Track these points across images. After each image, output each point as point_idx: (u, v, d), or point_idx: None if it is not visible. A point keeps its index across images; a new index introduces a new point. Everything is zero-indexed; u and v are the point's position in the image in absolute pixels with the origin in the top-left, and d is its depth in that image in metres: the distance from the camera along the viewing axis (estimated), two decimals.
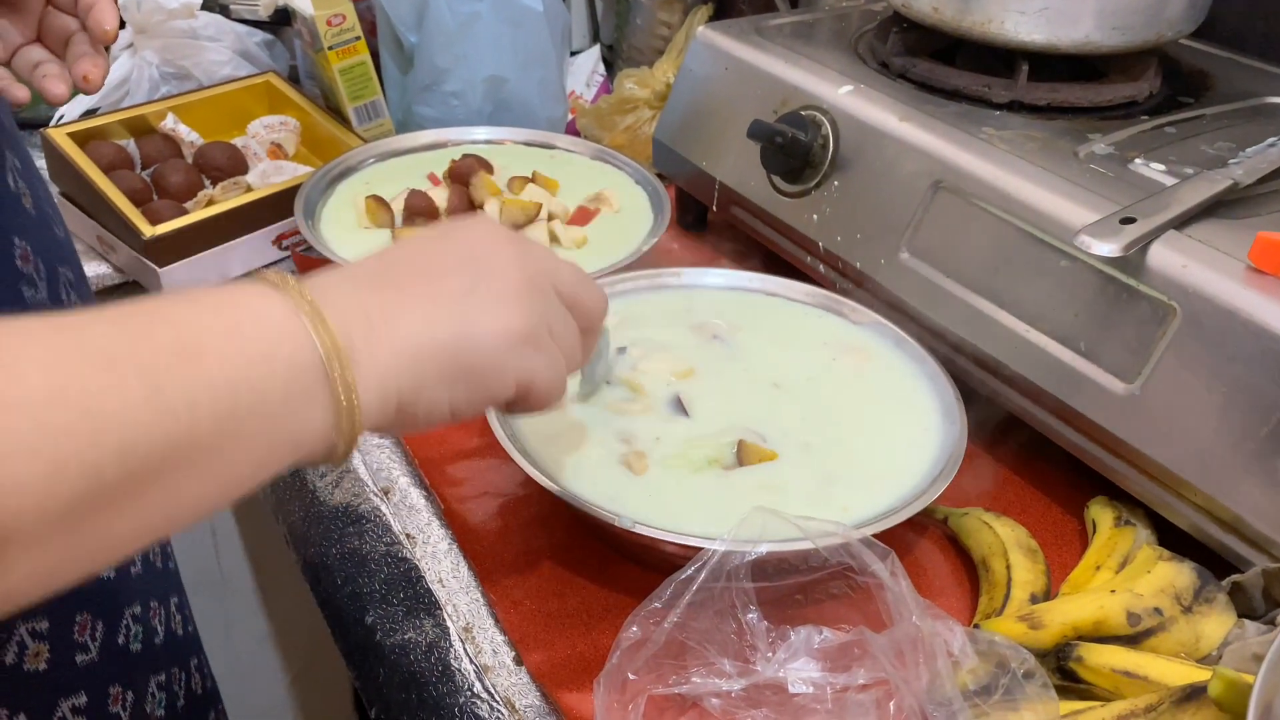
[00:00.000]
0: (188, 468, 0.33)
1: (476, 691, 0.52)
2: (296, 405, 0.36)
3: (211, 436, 0.33)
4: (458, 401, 0.41)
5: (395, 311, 0.39)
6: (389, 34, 0.97)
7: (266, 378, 0.35)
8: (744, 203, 0.80)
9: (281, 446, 0.36)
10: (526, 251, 0.45)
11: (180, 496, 0.33)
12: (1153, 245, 0.55)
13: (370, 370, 0.38)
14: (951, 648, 0.46)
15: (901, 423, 0.62)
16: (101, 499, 0.30)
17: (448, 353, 0.40)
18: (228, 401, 0.33)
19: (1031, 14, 0.68)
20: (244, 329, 0.35)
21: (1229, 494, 0.52)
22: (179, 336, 0.33)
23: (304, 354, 0.36)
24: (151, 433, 0.31)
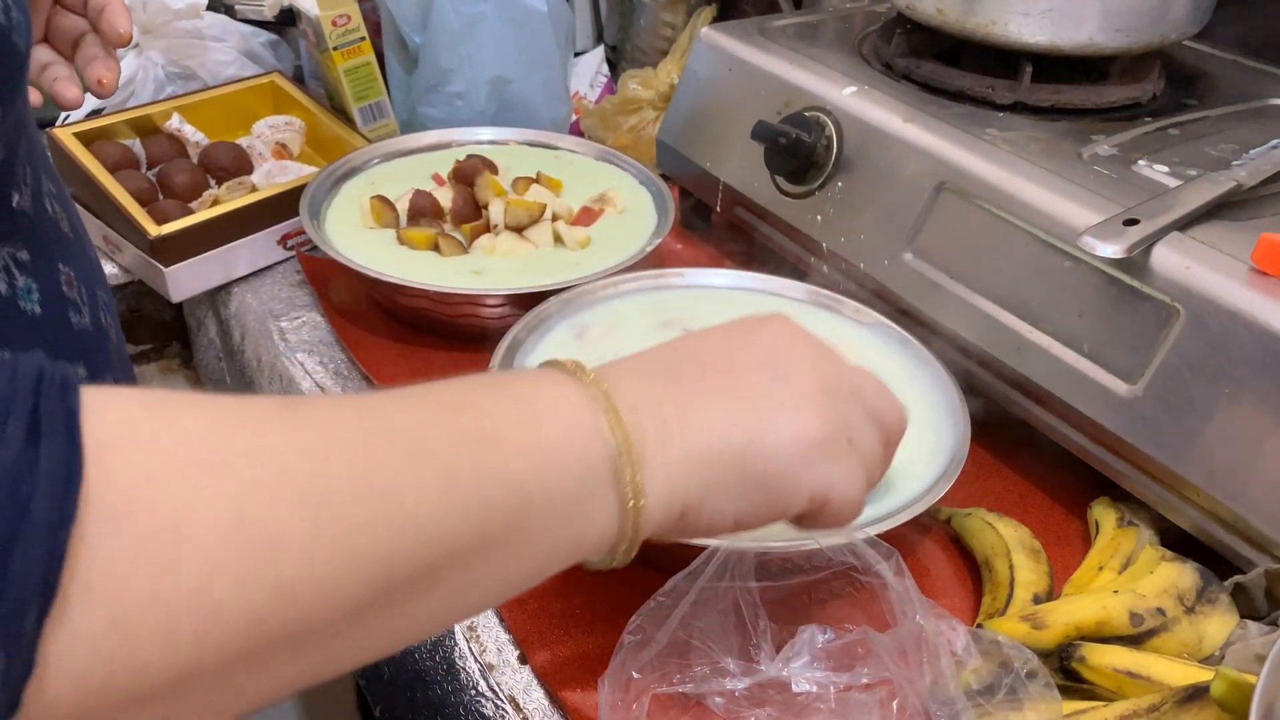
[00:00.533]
0: (474, 563, 0.32)
1: (481, 690, 0.52)
2: (584, 504, 0.35)
3: (501, 532, 0.32)
4: (744, 512, 0.39)
5: (689, 408, 0.38)
6: (394, 34, 0.97)
7: (559, 475, 0.34)
8: (748, 203, 0.80)
9: (564, 545, 0.35)
10: (827, 354, 0.42)
11: (463, 593, 0.32)
12: (1156, 247, 0.55)
13: (660, 472, 0.36)
14: (955, 647, 0.46)
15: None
16: (393, 594, 0.30)
17: (741, 457, 0.38)
18: (520, 497, 0.32)
19: (1035, 16, 0.68)
20: (541, 421, 0.34)
21: (1232, 495, 0.52)
22: (479, 425, 0.32)
23: (596, 452, 0.35)
24: (444, 527, 0.30)
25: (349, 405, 0.31)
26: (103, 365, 0.51)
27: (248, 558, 0.26)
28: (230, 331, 0.84)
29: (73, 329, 0.49)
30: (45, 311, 0.46)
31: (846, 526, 0.43)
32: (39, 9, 0.63)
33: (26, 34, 0.42)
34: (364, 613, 0.29)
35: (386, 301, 0.80)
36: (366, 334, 0.78)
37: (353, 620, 0.29)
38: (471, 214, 0.83)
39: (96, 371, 0.50)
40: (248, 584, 0.26)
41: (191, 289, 0.84)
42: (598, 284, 0.72)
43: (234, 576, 0.26)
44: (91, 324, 0.50)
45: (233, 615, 0.26)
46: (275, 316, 0.81)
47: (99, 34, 0.62)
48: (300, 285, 0.85)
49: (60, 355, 0.46)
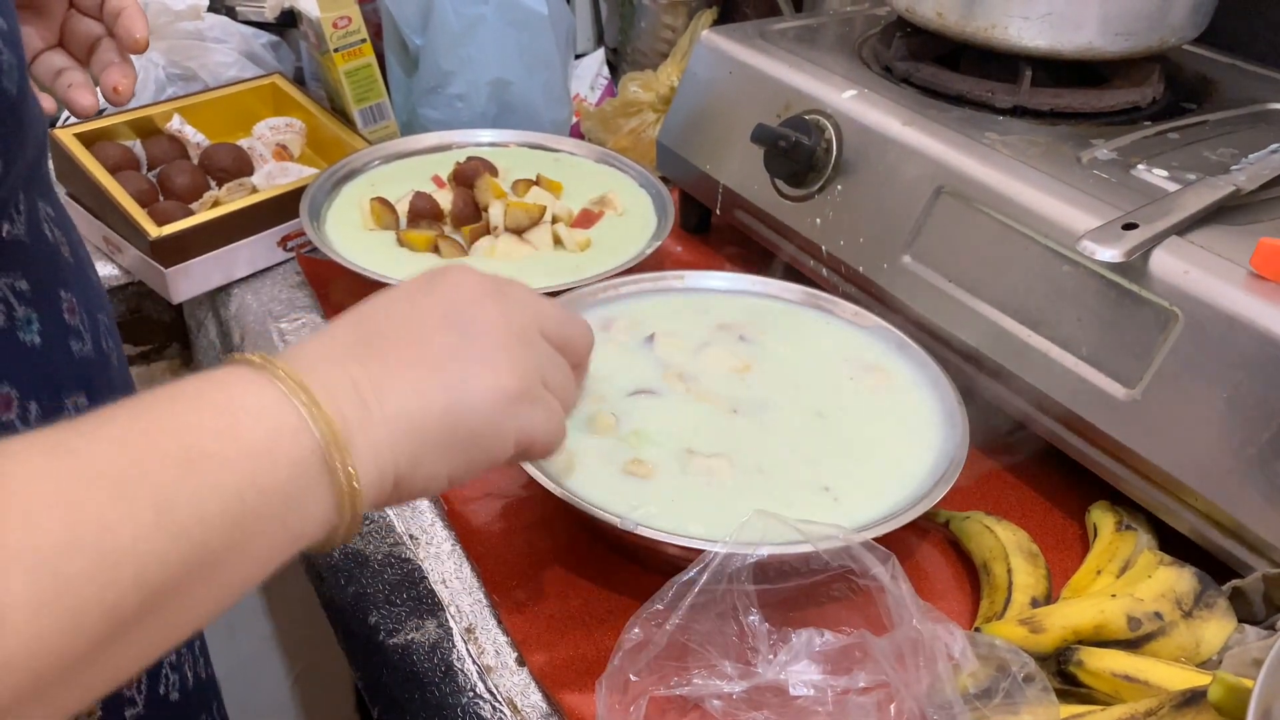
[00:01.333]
0: (200, 581, 0.32)
1: (479, 692, 0.52)
2: (300, 500, 0.35)
3: (221, 547, 0.32)
4: (456, 470, 0.40)
5: (384, 383, 0.38)
6: (394, 36, 0.97)
7: (269, 475, 0.34)
8: (747, 206, 0.81)
9: (285, 542, 0.35)
10: (508, 299, 0.43)
11: (193, 610, 0.32)
12: (1155, 251, 0.55)
13: (367, 451, 0.36)
14: (952, 651, 0.46)
15: (903, 426, 0.63)
16: (119, 633, 0.29)
17: (443, 423, 0.39)
18: (235, 508, 0.32)
19: (1035, 20, 0.68)
20: (242, 428, 0.34)
21: (1230, 499, 0.52)
22: (181, 445, 0.32)
23: (303, 447, 0.35)
24: (166, 558, 0.30)
25: (42, 449, 0.30)
26: (104, 390, 0.50)
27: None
28: (230, 332, 0.84)
29: (74, 357, 0.48)
30: (45, 342, 0.45)
31: (550, 456, 0.45)
32: (53, 13, 0.62)
33: (18, 78, 0.41)
34: (95, 653, 0.29)
35: None
36: None
37: (86, 661, 0.29)
38: (471, 216, 0.83)
39: (97, 398, 0.49)
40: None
41: (192, 290, 0.84)
42: (597, 286, 0.72)
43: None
44: (94, 350, 0.49)
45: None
46: (275, 318, 0.81)
47: (114, 39, 0.60)
48: (300, 287, 0.85)
49: (62, 385, 0.46)
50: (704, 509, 0.56)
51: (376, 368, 0.38)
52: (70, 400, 0.46)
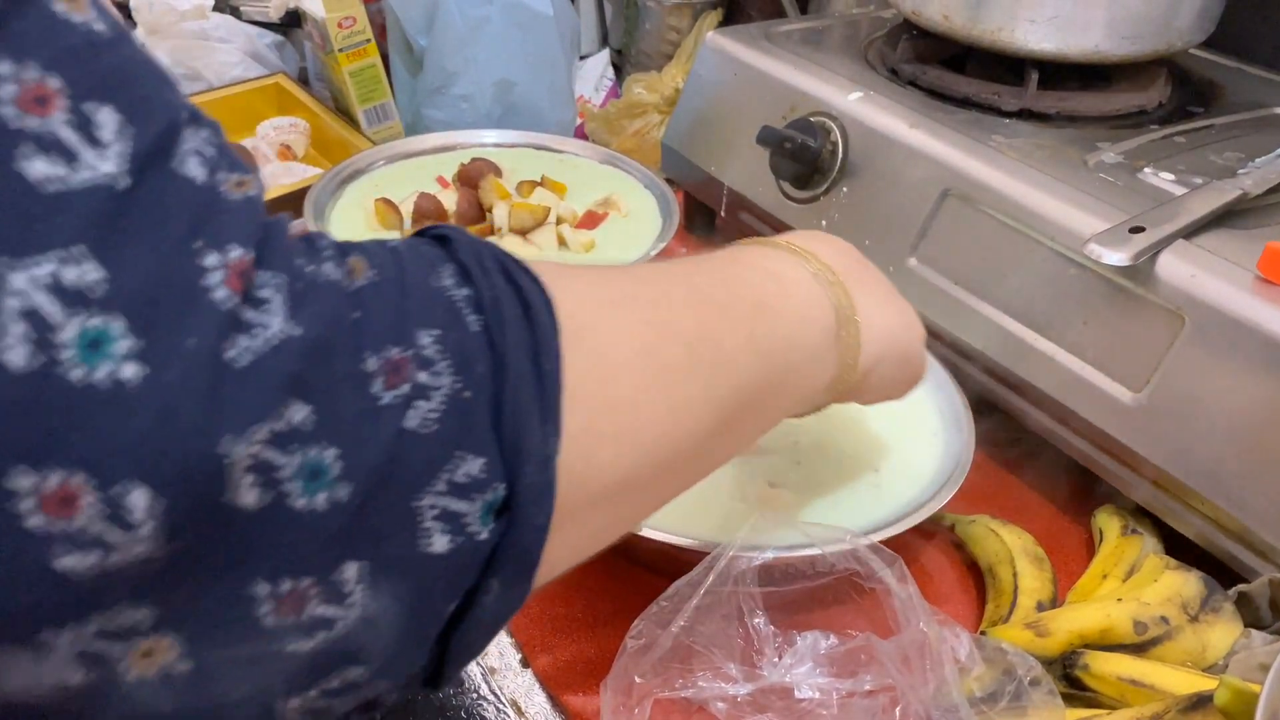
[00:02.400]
0: (759, 405, 0.38)
1: (483, 693, 0.52)
2: (818, 361, 0.42)
3: (778, 380, 0.39)
4: (896, 383, 0.49)
5: (861, 293, 0.45)
6: (399, 37, 0.97)
7: (807, 335, 0.41)
8: (752, 208, 0.80)
9: (803, 394, 0.42)
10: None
11: (747, 431, 0.40)
12: (1161, 255, 0.55)
13: (862, 339, 0.44)
14: (958, 654, 0.46)
15: (909, 429, 0.62)
16: (721, 427, 0.35)
17: (899, 337, 0.47)
18: (785, 353, 0.39)
19: (1042, 23, 0.68)
20: (793, 292, 0.41)
21: (1236, 503, 0.52)
22: (755, 295, 0.39)
23: (827, 319, 0.42)
24: (752, 373, 0.37)
25: (668, 271, 0.38)
26: None
27: (652, 377, 0.32)
28: None
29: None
30: None
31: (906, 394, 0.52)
32: None
33: None
34: (709, 441, 0.35)
35: None
36: None
37: (704, 446, 0.35)
38: (476, 217, 0.83)
39: None
40: (655, 398, 0.32)
41: None
42: None
43: (647, 390, 0.32)
44: None
45: (650, 424, 0.32)
46: None
47: None
48: None
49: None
50: (709, 511, 0.55)
51: (852, 285, 0.44)
52: None
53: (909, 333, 0.48)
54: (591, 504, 0.30)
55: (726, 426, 0.36)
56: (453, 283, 0.27)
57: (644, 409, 0.31)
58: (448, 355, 0.25)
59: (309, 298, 0.24)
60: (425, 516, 0.25)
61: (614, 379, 0.30)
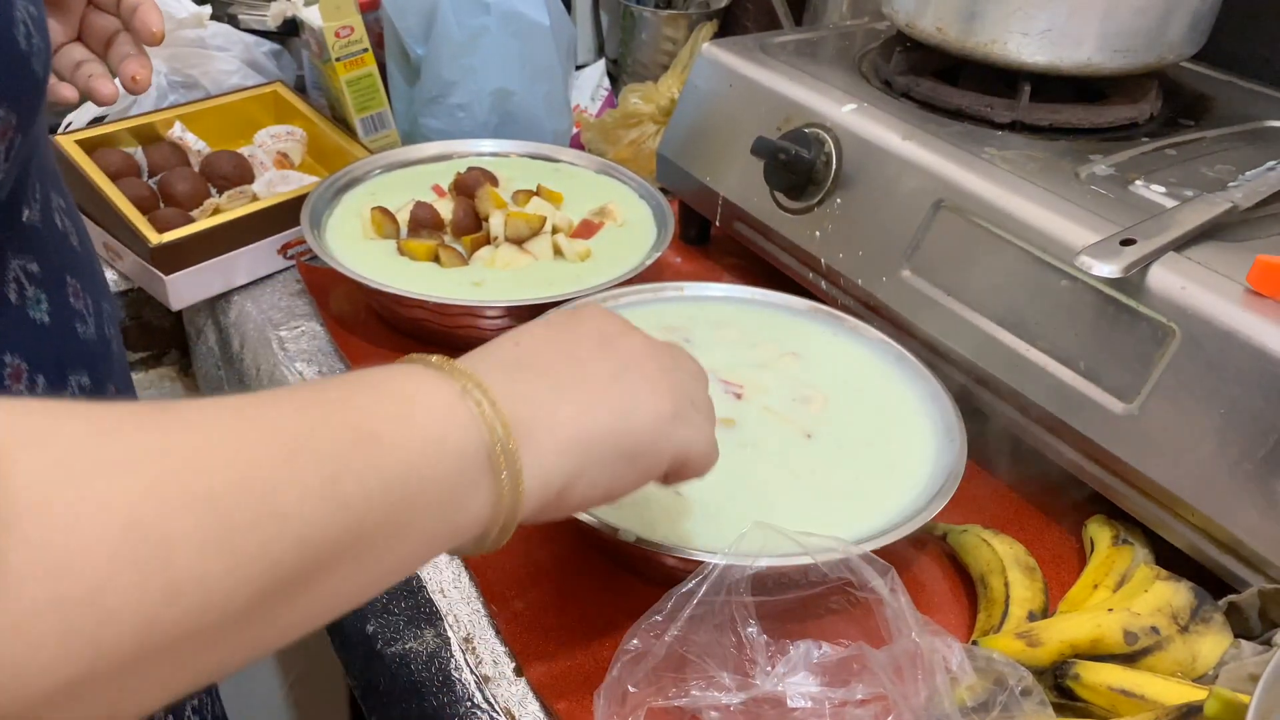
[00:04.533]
0: (356, 557, 0.33)
1: (477, 702, 0.52)
2: (461, 494, 0.36)
3: (381, 526, 0.33)
4: (615, 484, 0.42)
5: (553, 401, 0.40)
6: (396, 46, 0.98)
7: (435, 465, 0.35)
8: (747, 218, 0.81)
9: (441, 535, 0.36)
10: (645, 337, 0.47)
11: (345, 586, 0.33)
12: (1152, 267, 0.55)
13: (534, 458, 0.38)
14: (950, 664, 0.47)
15: (901, 439, 0.63)
16: (277, 593, 0.30)
17: (608, 441, 0.41)
18: (399, 490, 0.33)
19: (1034, 36, 0.69)
20: (416, 415, 0.35)
21: (1226, 514, 0.52)
22: (356, 423, 0.33)
23: (472, 441, 0.36)
24: (329, 525, 0.31)
25: (227, 407, 0.31)
26: (106, 375, 0.51)
27: (140, 560, 0.27)
28: (229, 340, 0.84)
29: (79, 338, 0.49)
30: (54, 321, 0.47)
31: (704, 473, 0.47)
32: (72, 9, 0.65)
33: (46, 61, 0.43)
34: (251, 612, 0.30)
35: (386, 312, 0.80)
36: (366, 344, 0.79)
37: (241, 619, 0.30)
38: (472, 226, 0.83)
39: (100, 380, 0.50)
40: (140, 586, 0.27)
41: (191, 297, 0.84)
42: (597, 297, 0.72)
43: (127, 579, 0.26)
44: (96, 335, 0.51)
45: (126, 618, 0.27)
46: (275, 325, 0.81)
47: (131, 32, 0.64)
48: (300, 295, 0.85)
49: (67, 363, 0.47)
50: (701, 521, 0.56)
51: (545, 385, 0.40)
52: (74, 378, 0.47)
53: (631, 423, 0.42)
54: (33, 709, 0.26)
55: (289, 590, 0.31)
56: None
57: (115, 602, 0.26)
58: None
59: None
60: None
61: (63, 571, 0.25)
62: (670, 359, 0.46)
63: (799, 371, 0.68)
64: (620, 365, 0.43)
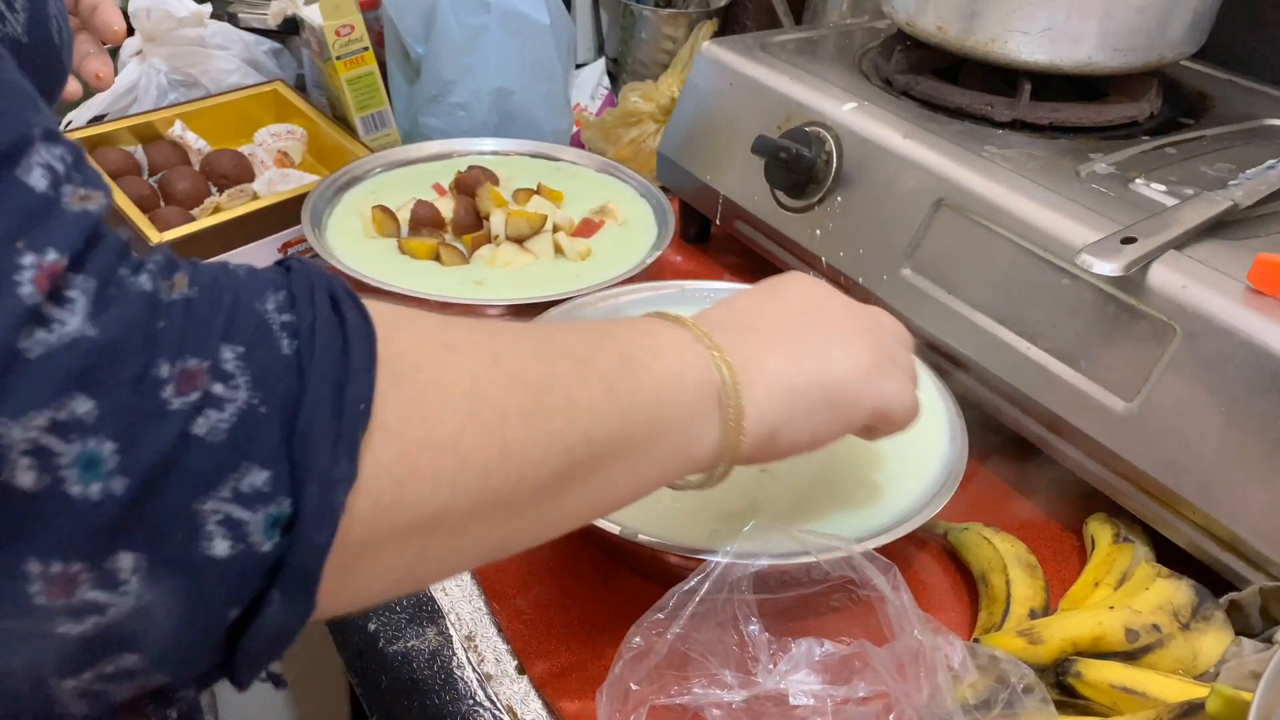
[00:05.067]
0: (621, 460, 0.38)
1: (479, 700, 0.52)
2: (697, 423, 0.41)
3: (641, 436, 0.39)
4: (820, 430, 0.46)
5: (764, 353, 0.44)
6: (396, 45, 0.98)
7: (680, 393, 0.40)
8: (747, 217, 0.81)
9: (680, 456, 0.41)
10: (846, 299, 0.51)
11: (611, 486, 0.39)
12: (1153, 265, 0.55)
13: (752, 401, 0.43)
14: (952, 662, 0.47)
15: (902, 438, 0.63)
16: (569, 475, 0.36)
17: (812, 388, 0.45)
18: (653, 409, 0.39)
19: (1034, 34, 0.69)
20: (665, 350, 0.41)
21: (1227, 512, 0.53)
22: (621, 350, 0.40)
23: (707, 380, 0.42)
24: (609, 424, 0.37)
25: (525, 328, 0.38)
26: None
27: (484, 421, 0.33)
28: None
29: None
30: None
31: (908, 426, 0.51)
32: None
33: (70, 54, 0.44)
34: (551, 487, 0.35)
35: None
36: None
37: (544, 492, 0.35)
38: (473, 224, 0.83)
39: None
40: (484, 442, 0.32)
41: None
42: (597, 295, 0.72)
43: (475, 435, 0.32)
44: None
45: (475, 466, 0.32)
46: None
47: (92, 31, 0.64)
48: None
49: None
50: (702, 519, 0.56)
51: (757, 340, 0.45)
52: None
53: (834, 374, 0.46)
54: (401, 536, 0.31)
55: (576, 477, 0.36)
56: (274, 307, 0.29)
57: (468, 451, 0.32)
58: (248, 371, 0.27)
59: (114, 303, 0.25)
60: (208, 520, 0.26)
61: (436, 418, 0.31)
62: (870, 320, 0.50)
63: None
64: (823, 323, 0.48)
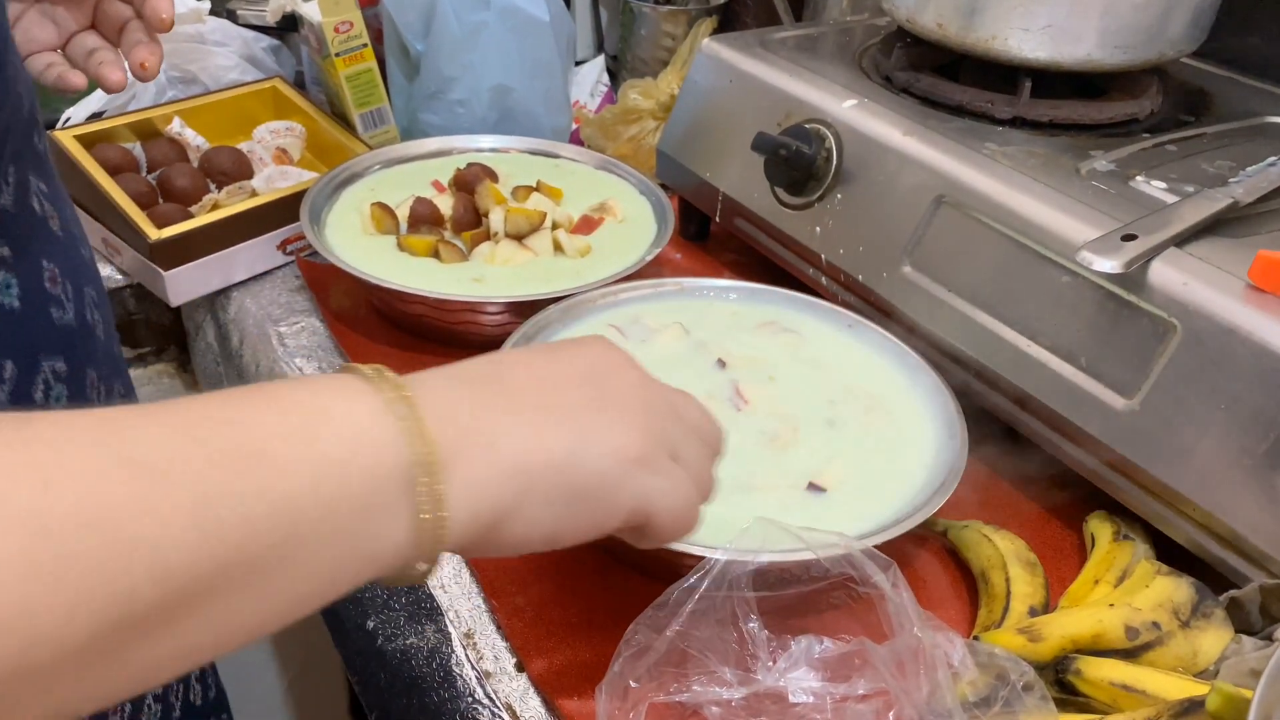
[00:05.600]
0: (239, 589, 0.30)
1: (478, 697, 0.52)
2: (372, 520, 0.32)
3: (267, 555, 0.30)
4: (561, 525, 0.38)
5: (503, 420, 0.36)
6: (395, 41, 0.98)
7: (338, 488, 0.32)
8: (747, 214, 0.81)
9: (350, 564, 0.33)
10: (647, 376, 0.43)
11: (229, 620, 0.30)
12: (1153, 262, 0.55)
13: (464, 482, 0.34)
14: (952, 659, 0.47)
15: (902, 435, 0.63)
16: (132, 628, 0.28)
17: (554, 472, 0.37)
18: (289, 517, 0.30)
19: (1035, 32, 0.68)
20: (317, 431, 0.32)
21: (1227, 510, 0.52)
22: (239, 443, 0.30)
23: (387, 463, 0.33)
24: (195, 555, 0.28)
25: (87, 421, 0.29)
26: (85, 360, 0.51)
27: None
28: (229, 336, 0.84)
29: (54, 324, 0.49)
30: (24, 306, 0.47)
31: (678, 538, 0.42)
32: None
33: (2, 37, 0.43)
34: (97, 647, 0.27)
35: (386, 308, 0.80)
36: (365, 340, 0.79)
37: (85, 655, 0.27)
38: (472, 222, 0.83)
39: (78, 365, 0.50)
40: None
41: (190, 293, 0.84)
42: (597, 293, 0.72)
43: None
44: (75, 320, 0.51)
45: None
46: (274, 321, 0.81)
47: (143, 19, 0.65)
48: (299, 290, 0.85)
49: (40, 348, 0.48)
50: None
51: (500, 404, 0.37)
52: (47, 364, 0.47)
53: (585, 456, 0.38)
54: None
55: (156, 623, 0.28)
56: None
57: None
58: None
59: None
60: None
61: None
62: (666, 405, 0.42)
63: (797, 368, 0.68)
64: (599, 397, 0.39)
